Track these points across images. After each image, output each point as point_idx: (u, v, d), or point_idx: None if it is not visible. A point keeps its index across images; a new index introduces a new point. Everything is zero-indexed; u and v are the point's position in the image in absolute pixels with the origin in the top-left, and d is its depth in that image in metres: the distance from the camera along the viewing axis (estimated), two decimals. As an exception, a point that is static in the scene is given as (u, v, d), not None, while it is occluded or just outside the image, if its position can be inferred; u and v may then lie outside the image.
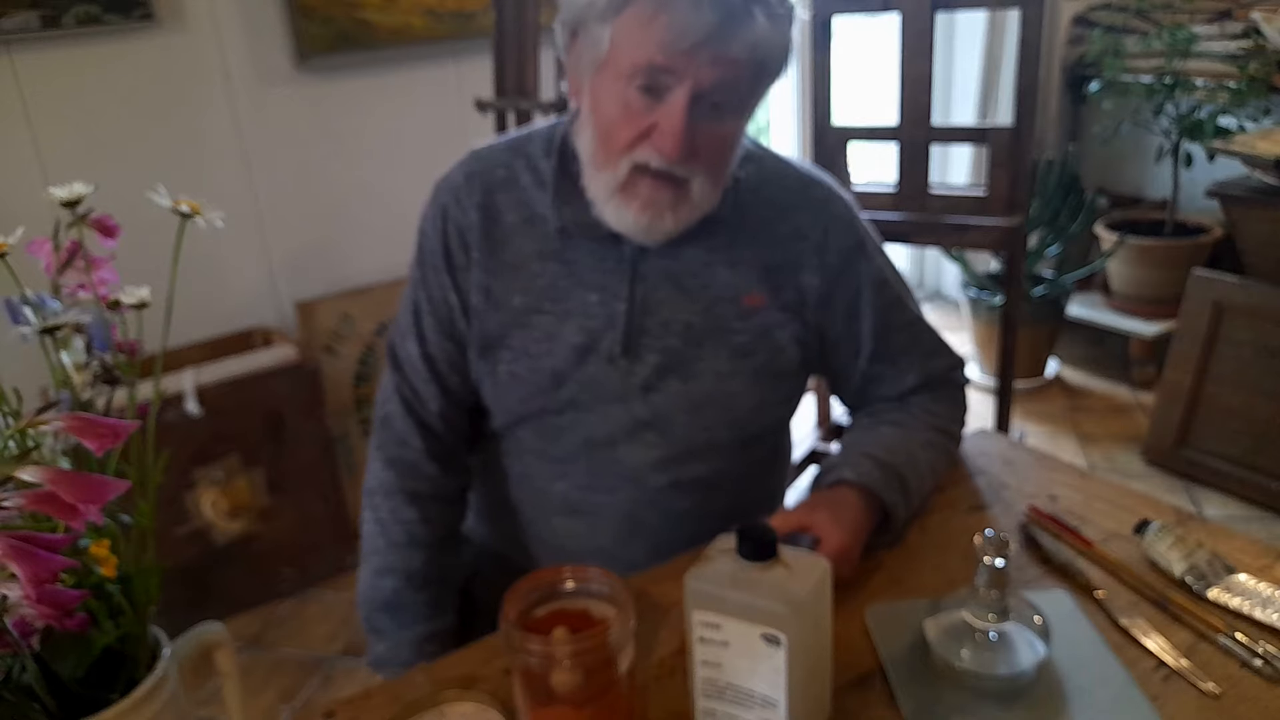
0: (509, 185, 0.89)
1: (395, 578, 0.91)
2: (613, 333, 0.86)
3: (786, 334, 0.89)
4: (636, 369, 0.87)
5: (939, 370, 0.97)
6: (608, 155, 0.80)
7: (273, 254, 2.10)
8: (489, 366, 0.90)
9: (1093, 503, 0.90)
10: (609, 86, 0.78)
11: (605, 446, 0.88)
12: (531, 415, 0.90)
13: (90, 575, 0.54)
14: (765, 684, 0.61)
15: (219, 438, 1.86)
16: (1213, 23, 2.50)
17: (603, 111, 0.79)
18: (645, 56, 0.74)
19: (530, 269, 0.88)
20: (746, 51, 0.74)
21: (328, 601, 2.00)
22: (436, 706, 0.70)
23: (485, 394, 0.92)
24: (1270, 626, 0.71)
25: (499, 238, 0.89)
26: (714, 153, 0.80)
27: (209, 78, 1.94)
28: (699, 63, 0.74)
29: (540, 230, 0.88)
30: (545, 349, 0.87)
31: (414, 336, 0.93)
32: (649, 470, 0.89)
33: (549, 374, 0.87)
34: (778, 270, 0.88)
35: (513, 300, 0.88)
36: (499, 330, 0.89)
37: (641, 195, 0.80)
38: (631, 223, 0.81)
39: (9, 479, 0.48)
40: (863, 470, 0.84)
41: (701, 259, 0.87)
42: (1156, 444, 2.27)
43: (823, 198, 0.91)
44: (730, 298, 0.87)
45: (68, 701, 0.53)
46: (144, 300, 0.59)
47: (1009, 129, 1.66)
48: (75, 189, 0.58)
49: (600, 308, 0.86)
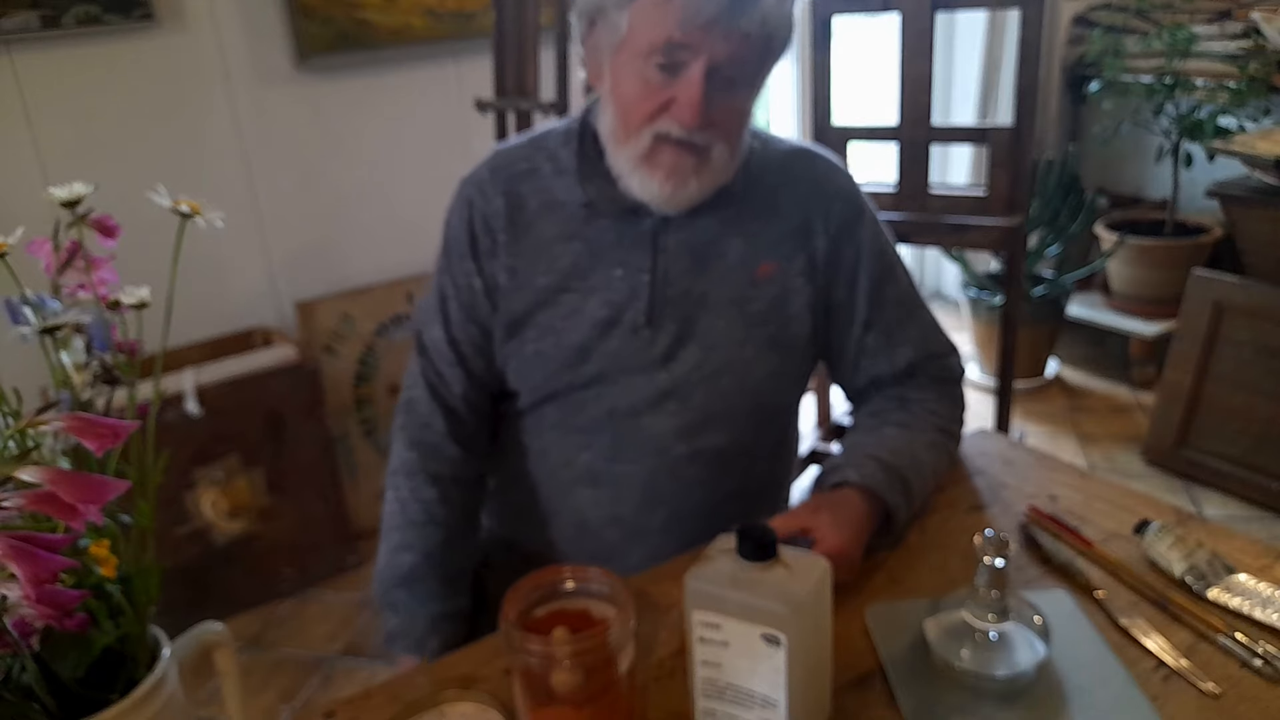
0: (530, 176, 0.94)
1: (413, 554, 0.94)
2: (637, 304, 0.90)
3: (798, 302, 0.93)
4: (658, 339, 0.90)
5: (935, 352, 0.97)
6: (629, 129, 0.85)
7: (273, 254, 2.10)
8: (516, 345, 0.93)
9: (1093, 503, 0.90)
10: (628, 65, 0.83)
11: (629, 417, 0.91)
12: (558, 391, 0.93)
13: (90, 575, 0.54)
14: (765, 684, 0.61)
15: (219, 438, 1.86)
16: (1213, 23, 2.50)
17: (623, 90, 0.85)
18: (663, 34, 0.80)
19: (554, 250, 0.92)
20: (756, 26, 0.80)
21: (328, 601, 2.00)
22: (436, 706, 0.70)
23: (512, 374, 0.95)
24: (1270, 626, 0.71)
25: (523, 223, 0.93)
26: (729, 122, 0.85)
27: (209, 78, 1.94)
28: (713, 38, 0.79)
29: (562, 213, 0.92)
30: (570, 324, 0.91)
31: (440, 322, 0.96)
32: (671, 439, 0.92)
33: (574, 348, 0.91)
34: (787, 239, 0.92)
35: (538, 280, 0.92)
36: (525, 309, 0.92)
37: (665, 164, 0.84)
38: (656, 191, 0.85)
39: (9, 479, 0.48)
40: (866, 472, 0.84)
41: (716, 231, 0.91)
42: (1156, 444, 2.27)
43: (825, 170, 0.96)
44: (743, 267, 0.91)
45: (67, 701, 0.53)
46: (144, 300, 0.59)
47: (1009, 129, 1.66)
48: (75, 189, 0.58)
49: (623, 281, 0.90)
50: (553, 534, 0.97)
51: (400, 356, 2.20)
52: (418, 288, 2.21)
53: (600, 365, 0.91)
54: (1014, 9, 1.66)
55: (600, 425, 0.92)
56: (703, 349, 0.91)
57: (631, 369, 0.91)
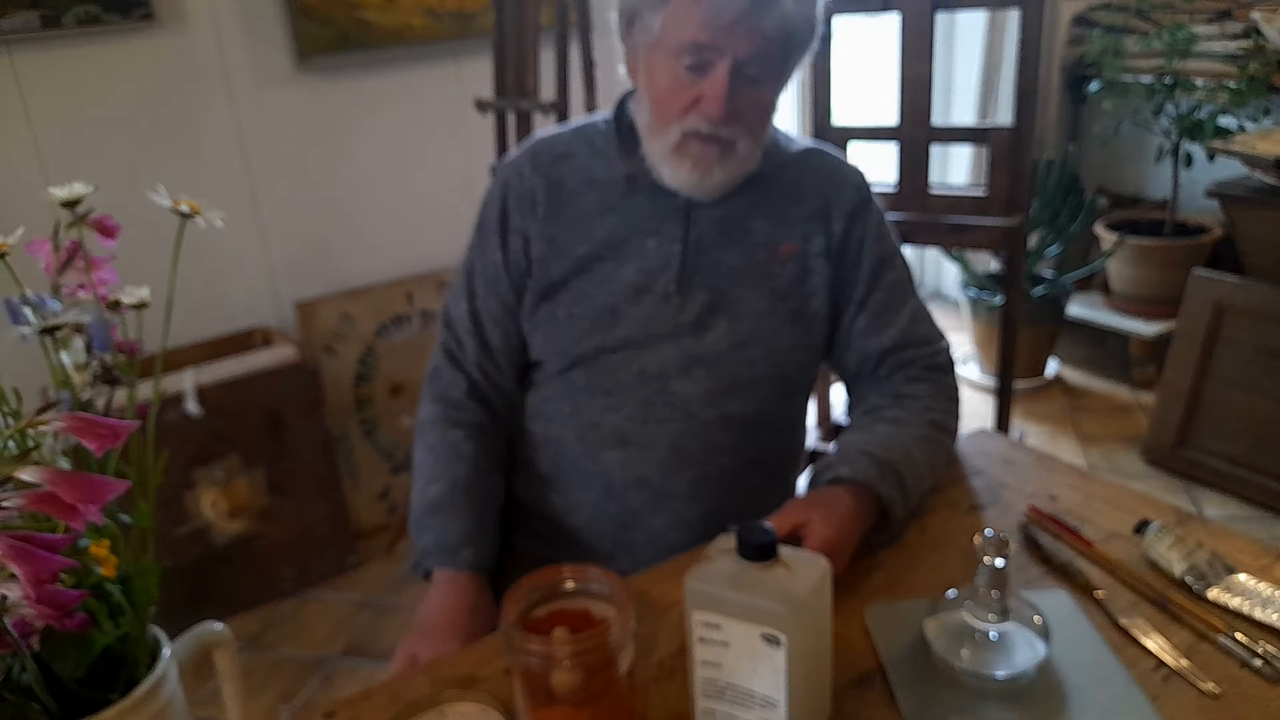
0: (569, 158, 1.00)
1: (442, 483, 0.98)
2: (668, 271, 0.96)
3: (817, 280, 0.99)
4: (688, 307, 0.96)
5: (922, 336, 1.00)
6: (661, 123, 0.92)
7: (272, 254, 2.10)
8: (549, 310, 0.98)
9: (1092, 503, 0.90)
10: (661, 63, 0.90)
11: (658, 379, 0.96)
12: (588, 354, 0.97)
13: (90, 575, 0.54)
14: (765, 684, 0.61)
15: (219, 438, 1.86)
16: (1213, 23, 2.50)
17: (656, 85, 0.92)
18: (690, 35, 0.87)
19: (592, 222, 0.98)
20: (777, 26, 0.87)
21: (328, 601, 2.00)
22: (437, 706, 0.70)
23: (542, 339, 1.00)
24: (1270, 626, 0.71)
25: (563, 198, 0.99)
26: (754, 116, 0.92)
27: (209, 78, 1.94)
28: (736, 38, 0.86)
29: (600, 190, 0.98)
30: (603, 289, 0.96)
31: (465, 295, 1.03)
32: (699, 403, 0.96)
33: (607, 310, 0.96)
34: (807, 221, 0.99)
35: (577, 249, 0.97)
36: (561, 276, 0.97)
37: (692, 155, 0.91)
38: (684, 179, 0.92)
39: (9, 479, 0.48)
40: (858, 467, 0.85)
41: (744, 210, 0.98)
42: (1156, 444, 2.27)
43: (836, 163, 1.04)
44: (768, 245, 0.98)
45: (67, 702, 0.53)
46: (144, 300, 0.59)
47: (1009, 129, 1.66)
48: (75, 189, 0.58)
49: (656, 250, 0.96)
50: (579, 498, 0.99)
51: (400, 356, 2.20)
52: (418, 287, 2.21)
53: (630, 329, 0.96)
54: (1014, 9, 1.66)
55: (629, 387, 0.96)
56: (731, 318, 0.96)
57: (661, 334, 0.96)
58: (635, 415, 0.96)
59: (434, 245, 2.25)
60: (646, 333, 0.96)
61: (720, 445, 0.97)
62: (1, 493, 0.48)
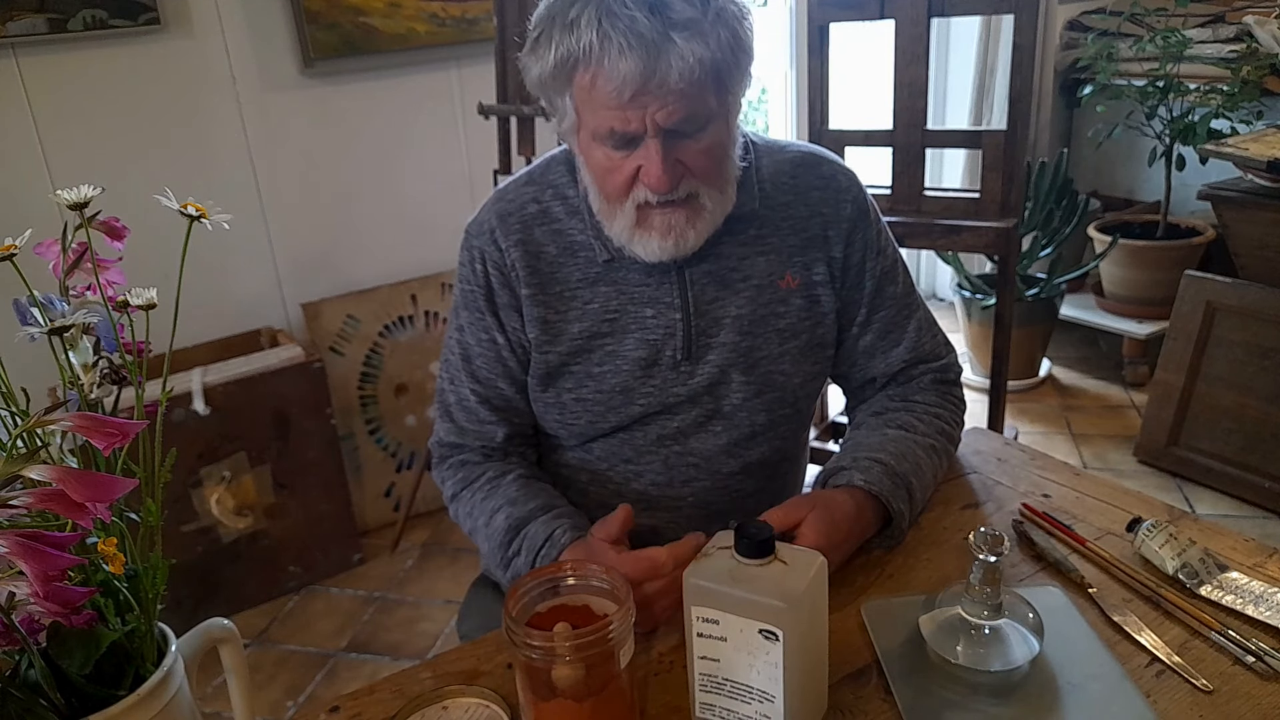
0: (543, 219, 0.92)
1: (502, 511, 0.90)
2: (673, 340, 0.91)
3: (823, 308, 0.94)
4: (700, 370, 0.92)
5: (932, 353, 0.98)
6: (611, 202, 0.85)
7: (279, 256, 2.11)
8: (554, 395, 0.93)
9: (1086, 501, 0.91)
10: (590, 148, 0.84)
11: (676, 439, 0.93)
12: (604, 434, 0.94)
13: (98, 572, 0.55)
14: (763, 678, 0.62)
15: (226, 436, 1.87)
16: (1205, 27, 2.52)
17: (593, 167, 0.85)
18: (604, 123, 0.79)
19: (581, 296, 0.91)
20: (688, 74, 0.76)
21: (333, 598, 2.01)
22: (440, 701, 0.71)
23: (553, 421, 0.95)
24: (1262, 623, 0.72)
25: (545, 271, 0.92)
26: (705, 165, 0.83)
27: (215, 82, 1.95)
28: (649, 109, 0.77)
29: (582, 257, 0.91)
30: (609, 369, 0.91)
31: (466, 379, 0.95)
32: (719, 457, 0.94)
33: (617, 391, 0.91)
34: (806, 248, 0.93)
35: (571, 328, 0.91)
36: (560, 360, 0.92)
37: (657, 225, 0.84)
38: (658, 250, 0.85)
39: (18, 477, 0.48)
40: (871, 477, 0.85)
41: (738, 253, 0.92)
42: (1149, 443, 2.28)
43: (830, 173, 0.96)
44: (770, 283, 0.92)
45: (75, 698, 0.53)
46: (151, 301, 0.60)
47: (1003, 133, 1.67)
48: (83, 192, 0.58)
49: (656, 320, 0.91)
50: None
51: (405, 356, 2.21)
52: (421, 289, 2.22)
53: (645, 404, 0.92)
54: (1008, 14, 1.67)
55: (649, 451, 0.94)
56: (743, 370, 0.92)
57: (676, 401, 0.92)
58: (659, 480, 0.94)
59: (437, 247, 2.26)
60: (662, 403, 0.92)
61: (744, 491, 0.96)
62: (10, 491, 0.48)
